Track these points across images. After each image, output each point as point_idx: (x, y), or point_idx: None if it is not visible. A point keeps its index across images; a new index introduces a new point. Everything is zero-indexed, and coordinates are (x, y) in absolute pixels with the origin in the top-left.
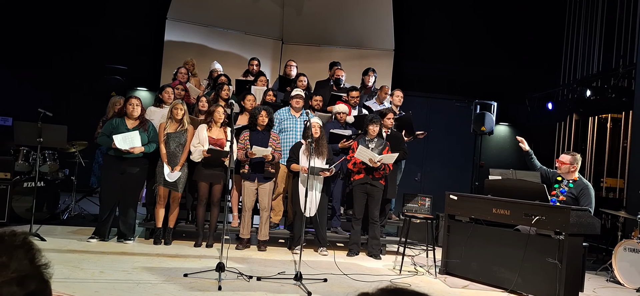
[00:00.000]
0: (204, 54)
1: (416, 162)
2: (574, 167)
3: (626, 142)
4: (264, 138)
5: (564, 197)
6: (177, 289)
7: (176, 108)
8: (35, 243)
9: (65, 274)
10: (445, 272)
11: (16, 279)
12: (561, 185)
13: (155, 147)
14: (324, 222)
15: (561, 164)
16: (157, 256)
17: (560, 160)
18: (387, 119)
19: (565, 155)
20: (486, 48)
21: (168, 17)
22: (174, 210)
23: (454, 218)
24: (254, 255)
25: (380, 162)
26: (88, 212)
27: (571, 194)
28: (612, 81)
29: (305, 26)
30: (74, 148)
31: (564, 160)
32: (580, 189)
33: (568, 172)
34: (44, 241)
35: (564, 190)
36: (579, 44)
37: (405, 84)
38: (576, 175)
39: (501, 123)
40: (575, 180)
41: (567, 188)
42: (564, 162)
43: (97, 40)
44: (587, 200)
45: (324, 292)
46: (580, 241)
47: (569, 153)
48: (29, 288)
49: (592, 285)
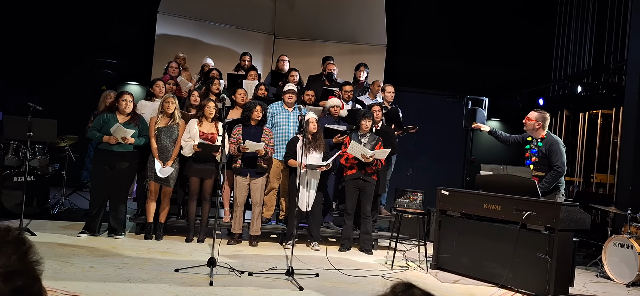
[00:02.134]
0: (195, 48)
1: (408, 157)
2: (539, 124)
3: (616, 138)
4: (256, 133)
5: (536, 157)
6: (168, 284)
7: (167, 103)
8: (29, 239)
9: (55, 269)
10: (437, 267)
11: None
12: (531, 145)
13: (145, 141)
14: (319, 217)
15: (527, 120)
16: (148, 252)
17: (527, 116)
18: (374, 111)
19: (533, 112)
20: (478, 44)
21: (159, 10)
22: (165, 205)
23: (445, 213)
24: (246, 250)
25: (372, 157)
26: (78, 206)
27: (541, 152)
28: (603, 77)
29: (297, 21)
30: (64, 142)
31: (531, 117)
32: (548, 145)
33: (534, 129)
34: (34, 236)
35: (534, 150)
36: (569, 40)
37: (397, 79)
38: (544, 132)
39: (493, 118)
40: (543, 138)
41: (537, 148)
42: (531, 118)
43: (88, 34)
44: (556, 157)
45: (315, 287)
46: (570, 236)
47: (537, 111)
48: (15, 284)
49: (582, 280)
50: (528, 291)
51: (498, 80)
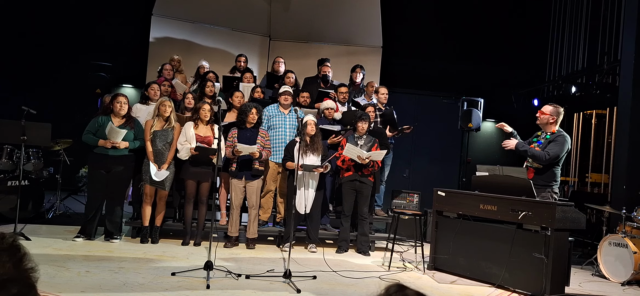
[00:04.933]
0: (190, 50)
1: (404, 158)
2: (554, 119)
3: (610, 138)
4: (252, 136)
5: (539, 148)
6: (165, 288)
7: (164, 106)
8: (23, 246)
9: (50, 274)
10: (434, 268)
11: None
12: (539, 137)
13: (140, 143)
14: (317, 219)
15: (541, 114)
16: (144, 255)
17: (541, 110)
18: (368, 112)
19: (547, 106)
20: (473, 45)
21: (154, 13)
22: (161, 209)
23: (442, 214)
24: (243, 253)
25: (368, 158)
26: (73, 210)
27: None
28: (597, 78)
29: (292, 22)
30: (59, 146)
31: (545, 111)
32: (555, 136)
33: (547, 123)
34: (29, 241)
35: (541, 141)
36: (564, 41)
37: (393, 81)
38: (556, 127)
39: (488, 119)
40: (553, 133)
41: (544, 140)
42: (545, 112)
43: (82, 36)
44: (554, 146)
45: (313, 289)
46: (566, 236)
47: (552, 105)
48: (11, 291)
49: (578, 279)
50: (524, 291)
51: (493, 81)
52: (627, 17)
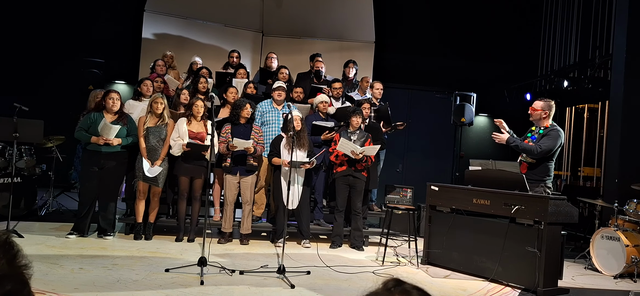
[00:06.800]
0: (183, 46)
1: (397, 153)
2: (546, 113)
3: (603, 132)
4: (245, 131)
5: (533, 143)
6: (159, 284)
7: (156, 103)
8: (16, 243)
9: (44, 271)
10: (427, 262)
11: None
12: (533, 132)
13: (133, 140)
14: (307, 214)
15: (533, 110)
16: (138, 252)
17: (532, 106)
18: (363, 108)
19: (538, 101)
20: (466, 40)
21: (146, 9)
22: (155, 205)
23: (435, 208)
24: (237, 249)
25: (362, 153)
26: (66, 207)
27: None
28: (589, 72)
29: (285, 18)
30: (51, 143)
31: (536, 107)
32: (548, 131)
33: (540, 118)
34: (21, 238)
35: (534, 136)
36: (556, 35)
37: (386, 76)
38: (549, 122)
39: (481, 114)
40: (546, 127)
41: (537, 135)
42: (536, 108)
43: (74, 33)
44: (546, 140)
45: (307, 285)
46: (558, 229)
47: (542, 100)
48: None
49: (570, 273)
50: (518, 285)
51: (486, 76)
52: (619, 11)
